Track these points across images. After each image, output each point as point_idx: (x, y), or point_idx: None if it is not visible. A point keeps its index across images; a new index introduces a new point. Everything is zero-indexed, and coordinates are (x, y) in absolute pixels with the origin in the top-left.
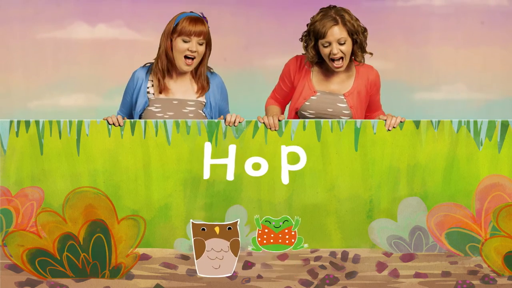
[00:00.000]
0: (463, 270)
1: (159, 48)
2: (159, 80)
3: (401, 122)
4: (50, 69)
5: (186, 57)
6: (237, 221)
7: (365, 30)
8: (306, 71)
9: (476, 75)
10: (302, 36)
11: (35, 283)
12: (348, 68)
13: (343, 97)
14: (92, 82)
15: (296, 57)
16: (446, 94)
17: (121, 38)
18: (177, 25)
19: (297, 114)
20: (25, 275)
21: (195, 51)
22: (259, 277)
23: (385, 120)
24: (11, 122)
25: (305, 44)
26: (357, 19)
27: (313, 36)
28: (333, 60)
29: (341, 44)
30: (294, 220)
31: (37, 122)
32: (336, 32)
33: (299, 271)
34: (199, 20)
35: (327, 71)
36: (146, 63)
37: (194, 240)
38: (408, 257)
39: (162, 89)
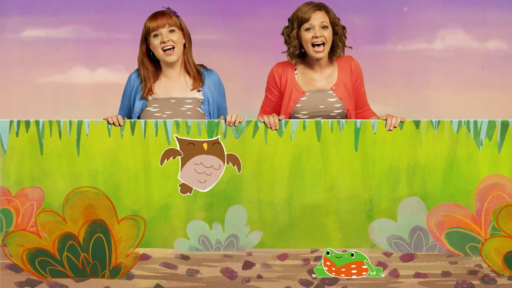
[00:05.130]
0: (463, 270)
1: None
2: (145, 86)
3: (401, 122)
4: (50, 113)
5: (163, 49)
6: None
7: (344, 27)
8: (291, 76)
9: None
10: (283, 29)
11: (35, 283)
12: (330, 63)
13: (331, 91)
14: None
15: (277, 64)
16: None
17: (121, 82)
18: (145, 28)
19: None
20: (25, 275)
21: (168, 40)
22: (259, 277)
23: (385, 120)
24: (11, 122)
25: (287, 35)
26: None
27: (296, 23)
28: (314, 45)
29: (323, 28)
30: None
31: (37, 122)
32: (320, 16)
33: (299, 271)
34: (159, 13)
35: (311, 70)
36: None
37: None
38: (408, 257)
39: (144, 94)
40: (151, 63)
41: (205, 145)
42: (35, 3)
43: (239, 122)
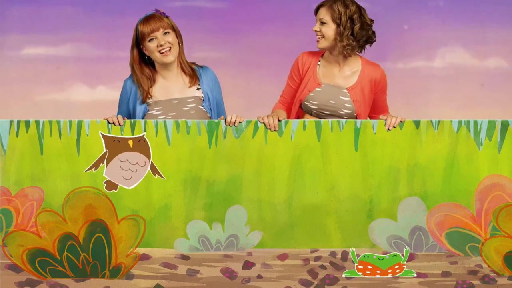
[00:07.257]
0: (463, 270)
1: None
2: (142, 91)
3: (401, 122)
4: None
5: (160, 52)
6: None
7: (352, 21)
8: (313, 65)
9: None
10: None
11: (35, 283)
12: (353, 64)
13: (346, 91)
14: None
15: (304, 52)
16: None
17: None
18: (138, 34)
19: (301, 106)
20: (25, 275)
21: (165, 43)
22: (259, 277)
23: (385, 120)
24: (11, 122)
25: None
26: (352, 15)
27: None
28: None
29: (322, 24)
30: (404, 251)
31: (37, 122)
32: (320, 12)
33: (299, 271)
34: (150, 17)
35: (331, 66)
36: None
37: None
38: (408, 257)
39: (144, 99)
40: (146, 67)
41: (130, 142)
42: (35, 21)
43: (239, 122)
